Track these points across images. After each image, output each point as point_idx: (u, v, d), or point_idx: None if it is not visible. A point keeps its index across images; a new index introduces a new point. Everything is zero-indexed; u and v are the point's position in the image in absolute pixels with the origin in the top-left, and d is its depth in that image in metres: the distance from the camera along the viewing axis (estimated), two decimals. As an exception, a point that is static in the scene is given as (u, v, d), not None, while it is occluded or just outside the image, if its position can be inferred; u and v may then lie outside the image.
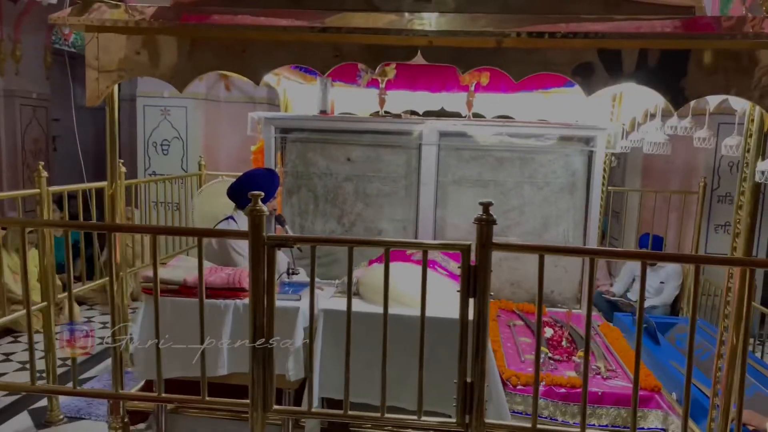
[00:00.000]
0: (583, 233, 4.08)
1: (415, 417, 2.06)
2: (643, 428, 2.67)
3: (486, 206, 1.93)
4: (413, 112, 5.07)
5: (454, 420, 2.05)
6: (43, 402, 3.62)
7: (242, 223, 3.42)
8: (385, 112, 4.69)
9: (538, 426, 2.01)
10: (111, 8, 2.52)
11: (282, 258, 3.67)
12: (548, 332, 3.52)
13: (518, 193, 4.10)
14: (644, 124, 4.23)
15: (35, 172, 3.68)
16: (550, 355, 3.17)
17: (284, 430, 2.69)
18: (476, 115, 5.09)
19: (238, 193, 3.42)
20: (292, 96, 5.23)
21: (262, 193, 2.01)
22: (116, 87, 2.68)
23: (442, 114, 5.22)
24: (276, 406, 2.10)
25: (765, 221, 5.63)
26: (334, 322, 2.59)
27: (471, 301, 1.99)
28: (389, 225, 4.22)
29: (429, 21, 2.32)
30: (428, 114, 5.05)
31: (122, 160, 4.77)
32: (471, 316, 2.00)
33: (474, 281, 1.95)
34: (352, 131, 4.15)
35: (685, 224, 5.74)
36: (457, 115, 5.14)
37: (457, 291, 1.99)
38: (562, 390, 2.76)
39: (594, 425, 2.68)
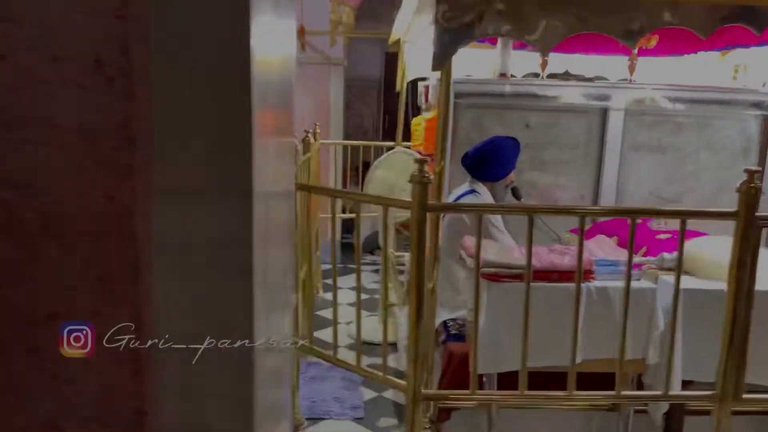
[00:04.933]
0: (757, 197, 4.14)
1: None
2: None
3: None
4: (535, 75, 4.91)
5: None
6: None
7: (485, 196, 3.18)
8: (532, 74, 4.52)
9: None
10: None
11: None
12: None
13: (695, 158, 4.08)
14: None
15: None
16: None
17: (622, 417, 2.57)
18: (600, 78, 5.02)
19: (481, 163, 3.16)
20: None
21: (760, 168, 1.85)
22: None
23: (566, 76, 5.09)
24: (745, 395, 1.98)
25: None
26: (692, 302, 2.46)
27: None
28: (564, 194, 4.08)
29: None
30: (551, 77, 4.91)
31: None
32: None
33: None
34: (533, 95, 3.95)
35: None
36: (581, 77, 5.04)
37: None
38: None
39: None
